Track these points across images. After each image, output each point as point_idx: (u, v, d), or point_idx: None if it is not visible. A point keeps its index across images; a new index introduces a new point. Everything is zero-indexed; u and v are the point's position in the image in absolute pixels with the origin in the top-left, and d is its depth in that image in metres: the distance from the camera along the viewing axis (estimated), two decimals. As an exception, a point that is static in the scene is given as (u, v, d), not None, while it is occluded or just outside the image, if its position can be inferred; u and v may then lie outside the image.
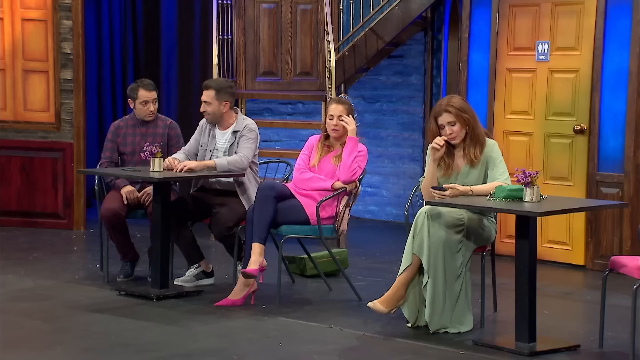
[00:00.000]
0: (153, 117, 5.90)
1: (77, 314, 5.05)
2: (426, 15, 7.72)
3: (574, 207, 4.78)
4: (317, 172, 5.38)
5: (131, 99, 5.88)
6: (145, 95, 5.84)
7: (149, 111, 5.86)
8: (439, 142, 4.76)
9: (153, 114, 5.89)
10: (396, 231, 7.52)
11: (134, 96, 5.85)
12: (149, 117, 5.88)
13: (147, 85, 5.88)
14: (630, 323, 4.29)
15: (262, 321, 4.94)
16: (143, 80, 5.95)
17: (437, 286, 4.66)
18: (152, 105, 5.86)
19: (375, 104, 8.29)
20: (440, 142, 4.75)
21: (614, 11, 6.14)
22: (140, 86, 5.86)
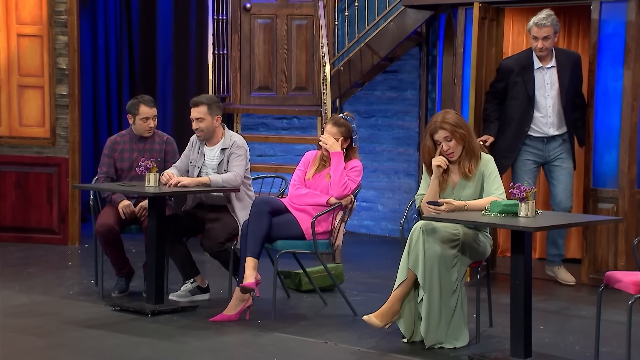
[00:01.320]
0: (152, 133, 5.91)
1: (72, 329, 5.03)
2: (421, 31, 7.75)
3: (569, 222, 4.79)
4: (311, 186, 5.39)
5: (131, 115, 5.89)
6: (147, 112, 5.85)
7: (148, 127, 5.87)
8: (442, 161, 4.76)
9: (152, 131, 5.90)
10: (391, 246, 7.52)
11: (135, 112, 5.86)
12: (148, 133, 5.89)
13: (148, 101, 5.89)
14: (626, 338, 4.29)
15: (257, 336, 4.93)
16: (143, 97, 5.96)
17: (433, 301, 4.66)
18: (152, 122, 5.88)
19: (371, 119, 8.31)
20: (444, 161, 4.76)
21: (608, 27, 6.16)
22: (141, 102, 5.87)
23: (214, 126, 5.60)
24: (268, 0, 8.07)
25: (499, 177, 4.83)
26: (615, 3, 6.12)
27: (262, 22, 8.09)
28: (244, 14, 8.06)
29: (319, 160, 5.45)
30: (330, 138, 5.33)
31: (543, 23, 5.96)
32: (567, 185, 6.12)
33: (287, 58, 8.09)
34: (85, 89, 8.18)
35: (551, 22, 5.98)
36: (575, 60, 6.15)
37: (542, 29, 5.96)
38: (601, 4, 6.17)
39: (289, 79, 8.12)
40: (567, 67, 6.08)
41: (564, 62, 6.08)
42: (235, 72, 8.08)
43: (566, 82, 6.06)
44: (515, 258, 4.44)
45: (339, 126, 5.37)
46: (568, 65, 6.09)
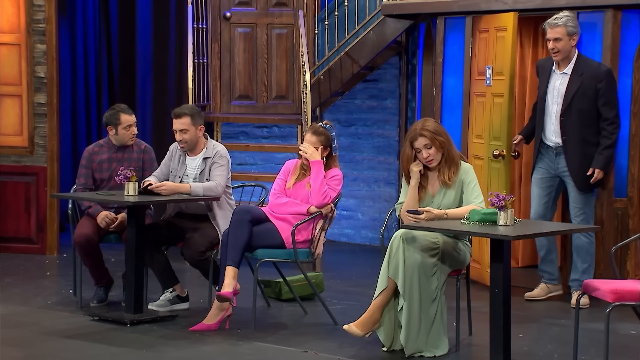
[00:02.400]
0: (134, 141, 5.90)
1: (50, 340, 5.00)
2: (401, 40, 7.79)
3: (547, 231, 4.82)
4: (291, 196, 5.40)
5: (112, 125, 5.85)
6: (128, 119, 5.83)
7: (132, 134, 5.86)
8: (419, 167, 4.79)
9: (134, 137, 5.89)
10: (372, 254, 7.54)
11: (116, 122, 5.83)
12: (132, 141, 5.88)
13: (126, 109, 5.88)
14: (604, 346, 4.32)
15: (237, 346, 4.92)
16: (120, 105, 5.94)
17: (413, 310, 4.68)
18: (135, 128, 5.87)
19: (351, 128, 8.33)
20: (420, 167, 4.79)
21: (586, 38, 6.18)
22: (120, 111, 5.85)
23: (197, 137, 5.60)
24: (248, 9, 8.09)
25: (478, 186, 4.86)
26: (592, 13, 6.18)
27: (242, 31, 8.09)
28: (224, 23, 8.07)
29: (299, 169, 5.46)
30: (309, 147, 5.34)
31: (554, 22, 5.75)
32: (576, 202, 5.89)
33: (268, 67, 8.10)
34: (64, 97, 8.15)
35: (564, 22, 5.74)
36: (596, 73, 5.77)
37: (554, 28, 5.74)
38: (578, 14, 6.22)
39: (269, 88, 8.13)
40: (580, 78, 5.78)
41: (580, 72, 5.77)
42: (215, 80, 8.08)
43: (572, 92, 5.78)
44: (495, 266, 4.46)
45: (318, 135, 5.38)
46: (584, 76, 5.77)
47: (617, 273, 4.77)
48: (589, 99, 5.75)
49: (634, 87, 6.18)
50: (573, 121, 5.79)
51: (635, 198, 6.22)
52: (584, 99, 5.76)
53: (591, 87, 5.75)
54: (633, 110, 6.19)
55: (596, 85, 5.74)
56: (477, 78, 6.66)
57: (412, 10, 7.11)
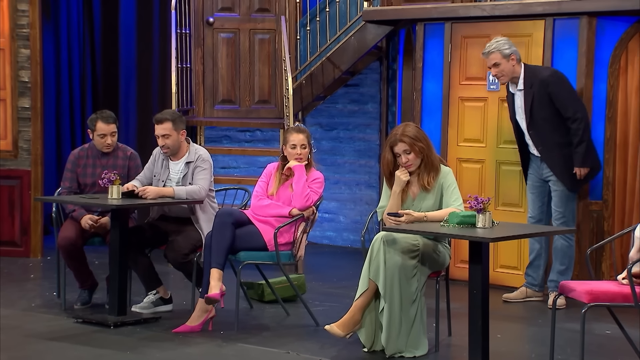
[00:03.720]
0: (111, 150, 5.85)
1: (34, 342, 4.98)
2: (381, 46, 7.82)
3: (524, 233, 4.85)
4: (276, 200, 5.40)
5: (90, 130, 5.84)
6: (103, 129, 5.78)
7: (106, 144, 5.80)
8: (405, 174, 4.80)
9: (111, 147, 5.83)
10: (353, 256, 7.55)
11: (93, 128, 5.81)
12: (107, 149, 5.83)
13: (107, 117, 5.81)
14: (580, 346, 4.35)
15: (220, 347, 4.92)
16: (103, 112, 5.87)
17: (393, 311, 4.69)
18: (110, 138, 5.79)
19: (332, 132, 8.35)
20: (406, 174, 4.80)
21: (561, 44, 6.27)
22: (99, 118, 5.79)
23: (179, 141, 5.59)
24: (231, 15, 8.09)
25: (458, 189, 4.89)
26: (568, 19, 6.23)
27: (225, 36, 8.09)
28: (207, 28, 8.07)
29: (279, 175, 5.45)
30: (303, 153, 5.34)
31: (488, 51, 5.85)
32: (557, 206, 5.91)
33: (250, 72, 8.10)
34: (48, 101, 8.11)
35: (496, 48, 5.81)
36: (541, 80, 5.82)
37: (489, 57, 5.85)
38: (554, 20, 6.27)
39: (251, 92, 8.13)
40: (531, 90, 5.84)
41: (530, 84, 5.84)
42: (198, 85, 8.07)
43: (529, 105, 5.84)
44: (473, 268, 4.48)
45: (302, 132, 5.42)
46: (534, 86, 5.83)
47: (592, 274, 4.80)
48: (546, 105, 5.80)
49: (609, 93, 6.23)
50: (541, 130, 5.85)
51: (610, 201, 6.27)
52: (542, 107, 5.81)
53: (543, 94, 5.80)
54: (608, 115, 6.24)
55: (546, 90, 5.79)
56: (465, 83, 6.69)
57: (392, 16, 7.13)
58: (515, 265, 6.49)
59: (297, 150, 5.37)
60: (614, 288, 4.41)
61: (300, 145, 5.36)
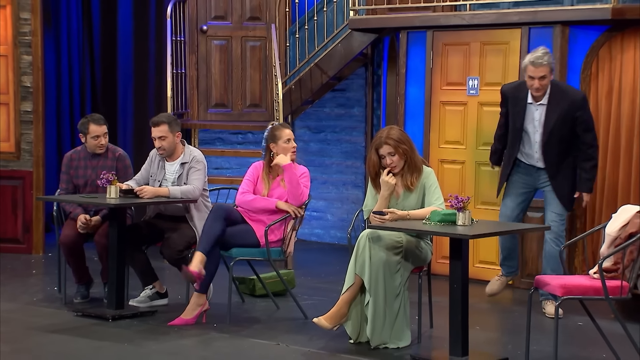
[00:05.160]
0: (104, 150, 5.84)
1: (36, 334, 4.96)
2: (367, 52, 7.82)
3: (502, 230, 4.87)
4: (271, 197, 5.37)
5: (82, 134, 5.82)
6: (96, 130, 5.77)
7: (99, 144, 5.79)
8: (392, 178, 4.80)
9: (104, 147, 5.81)
10: (340, 253, 7.55)
11: (85, 131, 5.79)
12: (100, 150, 5.82)
13: (98, 119, 5.80)
14: (553, 336, 4.37)
15: (213, 339, 4.91)
16: (93, 115, 5.87)
17: (378, 304, 4.70)
18: (103, 139, 5.78)
19: (320, 134, 8.35)
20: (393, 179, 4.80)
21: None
22: (90, 121, 5.78)
23: (175, 143, 5.58)
24: (223, 23, 8.08)
25: (439, 189, 4.90)
26: (542, 28, 6.25)
27: (218, 43, 8.08)
28: (201, 36, 8.06)
29: (266, 175, 5.42)
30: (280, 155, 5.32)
31: (540, 62, 5.28)
32: (556, 210, 5.54)
33: (242, 77, 8.10)
34: (49, 105, 8.08)
35: (548, 61, 5.32)
36: (572, 101, 5.40)
37: (539, 68, 5.29)
38: (530, 29, 6.30)
39: (243, 97, 8.12)
40: (558, 107, 5.40)
41: (556, 101, 5.39)
42: (192, 90, 8.06)
43: (552, 122, 5.39)
44: (454, 264, 4.49)
45: (289, 128, 5.41)
46: (561, 104, 5.40)
47: (566, 269, 4.83)
48: (568, 126, 5.40)
49: (582, 97, 6.25)
50: (554, 149, 5.46)
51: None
52: (564, 127, 5.40)
53: (570, 115, 5.39)
54: (581, 118, 6.26)
55: (575, 113, 5.39)
56: (446, 88, 6.69)
57: (377, 24, 7.14)
58: (494, 261, 6.50)
59: (292, 144, 5.35)
60: (586, 282, 4.43)
61: (293, 139, 5.35)
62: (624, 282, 4.38)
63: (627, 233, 4.42)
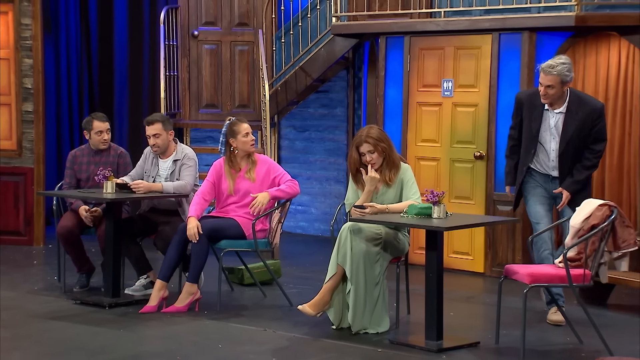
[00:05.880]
0: (107, 146, 5.82)
1: (36, 321, 4.93)
2: (348, 56, 7.81)
3: (474, 223, 4.88)
4: (238, 196, 5.28)
5: (86, 131, 5.81)
6: (100, 126, 5.76)
7: (103, 140, 5.78)
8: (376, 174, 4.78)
9: (107, 142, 5.81)
10: (323, 244, 7.54)
11: (89, 127, 5.78)
12: (104, 145, 5.80)
13: (100, 117, 5.81)
14: (522, 322, 4.39)
15: (204, 325, 4.89)
16: (96, 114, 5.89)
17: (359, 292, 4.69)
18: (106, 135, 5.79)
19: (305, 133, 8.33)
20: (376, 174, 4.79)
21: (506, 55, 6.31)
22: (94, 118, 5.79)
23: (168, 141, 5.56)
24: (214, 29, 8.04)
25: (416, 184, 4.90)
26: (512, 34, 6.27)
27: (209, 47, 8.05)
28: (192, 40, 8.02)
29: (229, 170, 5.32)
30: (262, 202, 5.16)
31: (549, 70, 4.85)
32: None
33: (231, 79, 8.06)
34: (49, 106, 8.03)
35: (558, 72, 4.82)
36: (591, 110, 4.93)
37: (547, 76, 4.85)
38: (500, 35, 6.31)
39: (232, 98, 8.09)
40: (576, 116, 4.93)
41: (575, 111, 4.93)
42: (184, 91, 8.03)
43: (570, 132, 4.92)
44: (429, 254, 4.50)
45: (246, 121, 5.34)
46: (579, 114, 4.93)
47: (533, 259, 4.84)
48: (585, 135, 4.95)
49: (548, 98, 6.26)
50: (570, 158, 4.99)
51: (549, 194, 6.31)
52: (581, 136, 4.94)
53: (588, 125, 4.94)
54: (547, 118, 6.27)
55: (592, 122, 4.94)
56: (422, 90, 6.69)
57: (358, 30, 7.13)
58: (467, 251, 6.53)
59: (250, 137, 5.28)
60: (552, 271, 4.45)
61: (251, 132, 5.30)
62: (586, 270, 4.40)
63: (590, 225, 4.44)
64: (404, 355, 4.35)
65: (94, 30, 8.48)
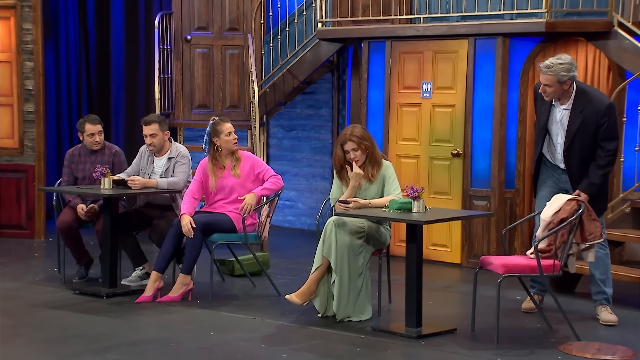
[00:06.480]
0: (99, 147, 5.77)
1: (37, 310, 4.90)
2: (333, 59, 7.81)
3: (452, 217, 4.89)
4: (223, 193, 5.26)
5: (80, 132, 5.77)
6: (91, 129, 5.71)
7: (95, 142, 5.74)
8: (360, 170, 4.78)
9: (99, 144, 5.76)
10: (310, 237, 7.54)
11: (82, 129, 5.74)
12: (96, 147, 5.76)
13: (93, 119, 5.76)
14: (495, 310, 4.41)
15: (196, 314, 4.89)
16: (89, 116, 5.84)
17: (343, 282, 4.70)
18: (98, 137, 5.73)
19: (292, 132, 8.32)
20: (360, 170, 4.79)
21: (481, 59, 6.33)
22: (86, 121, 5.74)
23: (164, 139, 5.54)
24: (205, 33, 8.02)
25: (397, 180, 4.91)
26: (486, 39, 6.29)
27: (201, 51, 8.02)
28: (185, 44, 7.99)
29: (212, 167, 5.29)
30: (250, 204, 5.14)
31: (545, 70, 4.65)
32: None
33: (222, 81, 8.04)
34: (49, 106, 7.99)
35: (554, 72, 4.62)
36: (595, 109, 4.67)
37: (544, 75, 4.67)
38: (475, 40, 6.33)
39: (223, 99, 8.07)
40: (581, 114, 4.70)
41: (581, 108, 4.70)
42: (178, 92, 8.00)
43: (574, 128, 4.71)
44: (410, 246, 4.51)
45: (229, 122, 5.35)
46: (583, 112, 4.70)
47: (506, 250, 4.86)
48: (591, 135, 4.69)
49: (520, 100, 6.31)
50: (575, 156, 4.75)
51: (521, 189, 6.36)
52: (586, 135, 4.70)
53: (592, 123, 4.68)
54: (519, 118, 6.32)
55: (597, 121, 4.67)
56: (403, 91, 6.70)
57: (342, 35, 7.13)
58: (445, 244, 6.55)
59: (233, 136, 5.27)
60: (524, 261, 4.48)
61: (233, 131, 5.29)
62: (556, 261, 4.43)
63: (559, 218, 4.47)
64: (385, 342, 4.36)
65: (92, 34, 8.43)
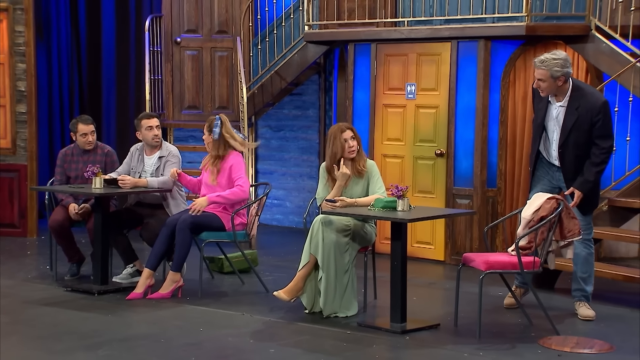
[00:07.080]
0: (92, 147, 5.75)
1: (30, 307, 4.87)
2: (320, 61, 7.81)
3: (436, 215, 4.91)
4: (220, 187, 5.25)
5: (73, 132, 5.74)
6: (84, 129, 5.69)
7: (88, 141, 5.71)
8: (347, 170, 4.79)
9: (92, 144, 5.73)
10: (297, 235, 7.53)
11: (75, 130, 5.71)
12: (89, 147, 5.74)
13: (85, 120, 5.73)
14: (478, 306, 4.42)
15: (186, 310, 4.87)
16: (82, 116, 5.82)
17: (330, 279, 4.70)
18: (90, 137, 5.71)
19: (280, 132, 8.32)
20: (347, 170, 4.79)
21: (464, 61, 6.34)
22: (79, 121, 5.72)
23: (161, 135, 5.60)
24: (195, 36, 7.99)
25: (382, 179, 4.92)
26: (469, 42, 6.31)
27: (191, 53, 8.00)
28: (175, 47, 7.96)
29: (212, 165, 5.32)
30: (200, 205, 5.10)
31: (538, 65, 4.59)
32: (577, 214, 4.63)
33: (212, 82, 8.02)
34: (41, 107, 7.94)
35: (547, 67, 4.55)
36: (590, 107, 4.59)
37: (537, 70, 4.60)
38: (458, 43, 6.34)
39: (213, 100, 8.05)
40: (577, 112, 4.63)
41: (576, 105, 4.62)
42: (168, 94, 7.97)
43: (569, 126, 4.63)
44: (394, 244, 4.51)
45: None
46: (578, 110, 4.63)
47: (488, 247, 4.88)
48: (585, 132, 4.62)
49: (501, 101, 6.33)
50: (570, 152, 4.68)
51: (502, 188, 6.38)
52: (580, 132, 4.62)
53: (587, 120, 4.61)
54: (500, 119, 6.34)
55: (592, 118, 4.59)
56: (388, 93, 6.71)
57: (329, 37, 7.13)
58: (429, 241, 6.56)
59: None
60: (505, 258, 4.49)
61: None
62: (536, 258, 4.45)
63: (539, 216, 4.49)
64: (371, 337, 4.37)
65: (84, 36, 8.39)
